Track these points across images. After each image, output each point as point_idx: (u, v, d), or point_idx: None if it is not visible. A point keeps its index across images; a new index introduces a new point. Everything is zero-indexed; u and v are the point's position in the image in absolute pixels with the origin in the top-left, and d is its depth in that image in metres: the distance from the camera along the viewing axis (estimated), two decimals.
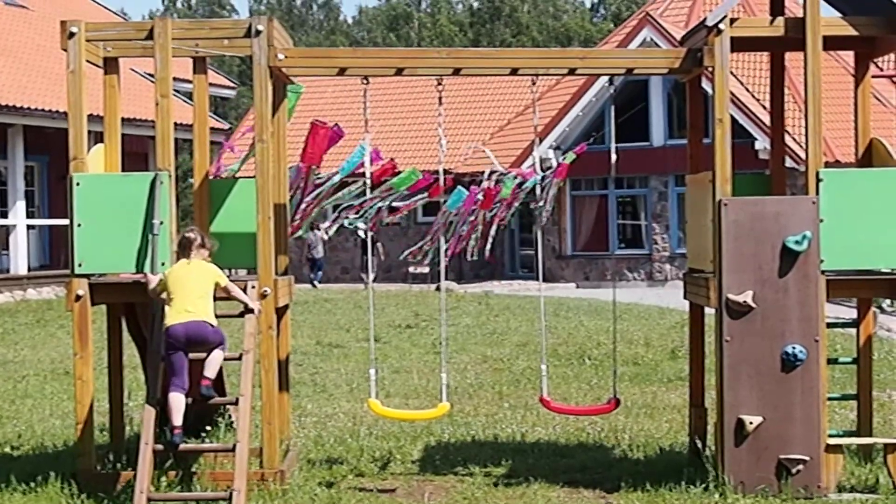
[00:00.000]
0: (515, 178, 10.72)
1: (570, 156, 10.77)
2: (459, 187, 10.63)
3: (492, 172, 10.55)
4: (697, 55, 9.60)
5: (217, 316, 9.22)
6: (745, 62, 35.37)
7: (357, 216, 10.48)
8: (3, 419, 13.07)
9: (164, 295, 9.14)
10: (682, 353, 16.35)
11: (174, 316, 9.00)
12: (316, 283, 36.28)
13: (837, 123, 30.53)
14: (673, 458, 10.45)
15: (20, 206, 28.31)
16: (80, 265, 9.34)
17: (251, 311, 9.30)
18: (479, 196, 10.54)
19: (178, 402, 8.95)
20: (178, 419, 8.92)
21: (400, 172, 10.37)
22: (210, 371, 9.09)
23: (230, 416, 10.79)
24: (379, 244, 35.95)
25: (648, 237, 37.08)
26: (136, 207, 9.32)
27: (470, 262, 38.43)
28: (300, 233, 10.63)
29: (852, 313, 10.71)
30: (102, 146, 10.02)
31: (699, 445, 10.02)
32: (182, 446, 9.00)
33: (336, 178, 10.44)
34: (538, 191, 10.47)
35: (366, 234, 10.59)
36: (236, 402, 9.11)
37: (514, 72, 10.04)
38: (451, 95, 38.11)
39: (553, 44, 77.79)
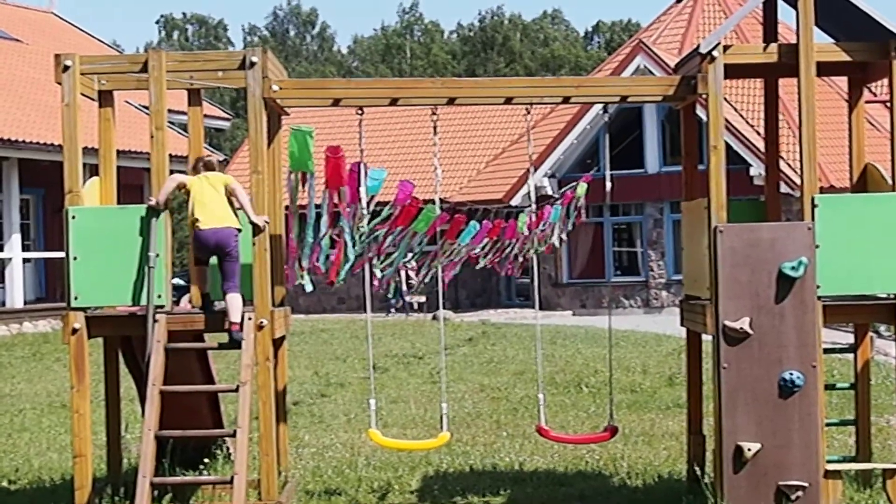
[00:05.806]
0: (528, 213, 10.87)
1: (583, 186, 10.84)
2: (473, 222, 10.69)
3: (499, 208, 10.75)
4: (691, 82, 9.62)
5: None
6: (739, 88, 35.45)
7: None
8: (0, 453, 13.03)
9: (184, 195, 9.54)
10: (680, 379, 16.32)
11: (205, 221, 9.38)
12: (406, 311, 35.44)
13: (832, 149, 30.58)
14: (672, 485, 10.43)
15: (16, 239, 28.30)
16: (76, 298, 9.32)
17: (255, 224, 9.40)
18: (525, 227, 10.72)
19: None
20: (236, 316, 9.32)
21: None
22: (235, 315, 9.33)
23: (228, 448, 10.76)
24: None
25: (644, 264, 37.06)
26: (131, 240, 9.32)
27: (465, 290, 38.69)
28: (340, 278, 10.31)
29: (849, 338, 10.70)
30: (98, 179, 10.02)
31: (698, 473, 9.99)
32: (180, 479, 8.94)
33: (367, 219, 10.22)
34: (559, 223, 10.63)
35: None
36: (234, 434, 9.09)
37: (508, 101, 10.06)
38: (445, 124, 38.14)
39: (545, 71, 77.99)
